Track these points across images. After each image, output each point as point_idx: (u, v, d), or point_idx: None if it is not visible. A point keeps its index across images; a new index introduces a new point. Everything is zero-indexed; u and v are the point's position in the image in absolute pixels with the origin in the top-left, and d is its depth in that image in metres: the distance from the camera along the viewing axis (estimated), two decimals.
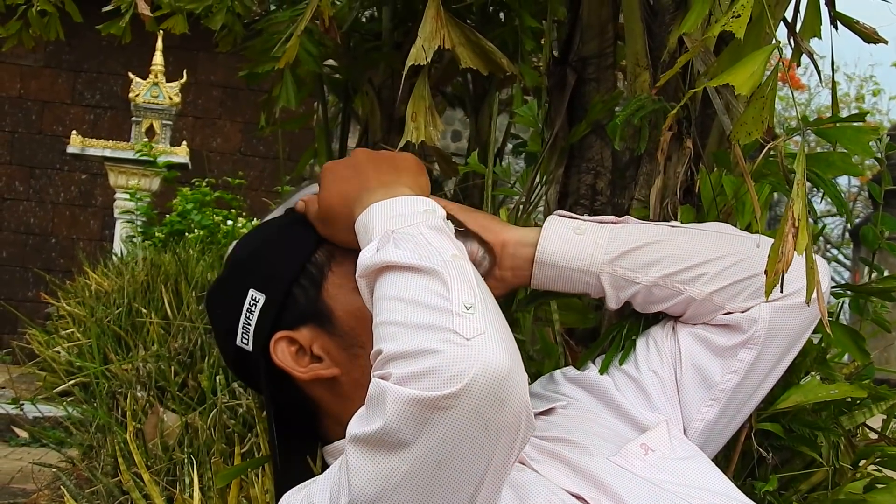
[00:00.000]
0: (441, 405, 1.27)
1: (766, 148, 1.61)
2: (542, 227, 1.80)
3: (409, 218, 1.48)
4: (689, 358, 1.78)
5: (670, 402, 1.79)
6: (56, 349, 6.40)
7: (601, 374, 1.88)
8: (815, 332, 1.90)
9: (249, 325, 1.68)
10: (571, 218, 1.82)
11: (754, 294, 1.73)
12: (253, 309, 1.67)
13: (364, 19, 4.18)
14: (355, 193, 1.60)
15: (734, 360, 1.76)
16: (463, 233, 1.74)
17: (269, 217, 1.88)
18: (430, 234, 1.44)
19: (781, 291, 1.63)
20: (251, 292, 1.68)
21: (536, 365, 2.31)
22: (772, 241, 1.72)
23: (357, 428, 1.33)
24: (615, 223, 1.81)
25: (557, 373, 1.93)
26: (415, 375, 1.29)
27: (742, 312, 1.74)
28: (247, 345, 1.69)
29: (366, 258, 1.45)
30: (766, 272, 1.39)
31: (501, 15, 3.78)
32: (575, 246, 1.76)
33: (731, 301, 1.74)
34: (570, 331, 2.27)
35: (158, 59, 10.39)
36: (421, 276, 1.38)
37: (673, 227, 1.83)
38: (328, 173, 1.68)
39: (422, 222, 1.47)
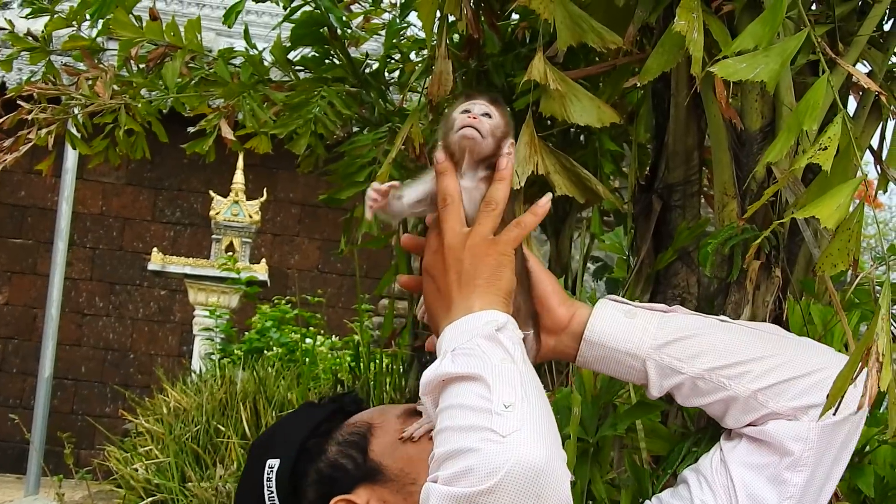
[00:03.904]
0: (478, 502, 1.34)
1: (858, 279, 1.60)
2: (594, 306, 1.80)
3: (469, 333, 1.55)
4: (743, 488, 1.74)
5: None
6: (134, 466, 6.42)
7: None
8: None
9: (272, 493, 1.73)
10: (622, 303, 1.81)
11: (799, 394, 1.68)
12: (270, 475, 1.73)
13: None
14: (439, 315, 1.68)
15: (788, 485, 1.70)
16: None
17: None
18: (484, 343, 1.52)
19: (834, 415, 1.62)
20: (267, 463, 1.74)
21: (615, 492, 2.29)
22: (816, 344, 1.71)
23: None
24: (665, 311, 1.80)
25: None
26: (456, 475, 1.37)
27: (788, 421, 1.70)
28: None
29: (426, 375, 1.54)
30: (827, 396, 1.39)
31: (582, 137, 3.80)
32: (624, 329, 1.75)
33: (775, 400, 1.69)
34: (657, 458, 2.25)
35: (239, 177, 10.56)
36: (469, 384, 1.47)
37: (723, 321, 1.80)
38: (425, 286, 1.74)
39: (479, 334, 1.54)
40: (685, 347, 1.73)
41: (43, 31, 3.83)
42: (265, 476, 1.73)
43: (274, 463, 1.73)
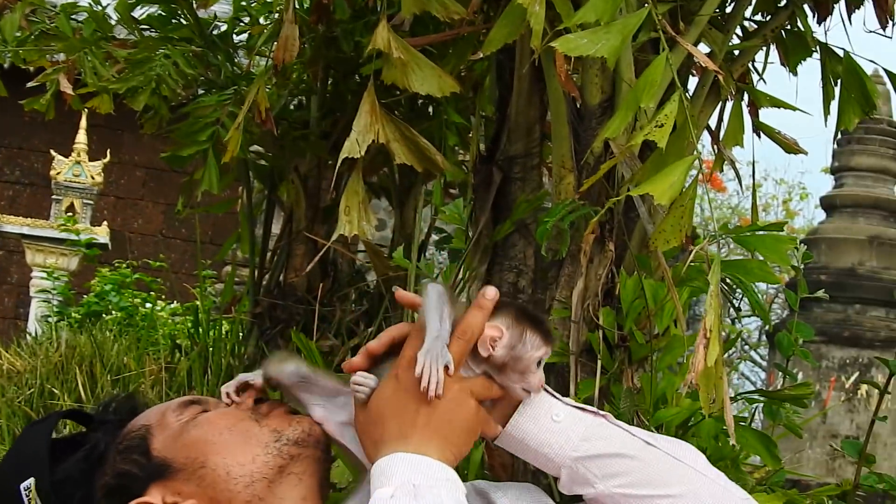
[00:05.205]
0: None
1: (690, 255, 1.63)
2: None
3: (432, 479, 1.53)
4: None
5: None
6: None
7: None
8: (726, 436, 1.89)
9: None
10: (556, 397, 1.74)
11: None
12: (30, 495, 1.70)
13: (292, 107, 4.19)
14: (389, 426, 1.62)
15: None
16: None
17: None
18: (447, 499, 1.51)
19: None
20: (21, 486, 1.70)
21: None
22: (739, 490, 1.70)
23: None
24: (595, 414, 1.74)
25: None
26: None
27: None
28: None
29: (381, 500, 1.50)
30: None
31: (430, 109, 3.81)
32: (547, 432, 1.70)
33: None
34: None
35: (82, 137, 10.31)
36: None
37: (647, 444, 1.73)
38: (389, 380, 1.65)
39: (443, 487, 1.53)
40: (604, 465, 1.69)
41: None
42: (25, 500, 1.69)
43: (28, 483, 1.70)
